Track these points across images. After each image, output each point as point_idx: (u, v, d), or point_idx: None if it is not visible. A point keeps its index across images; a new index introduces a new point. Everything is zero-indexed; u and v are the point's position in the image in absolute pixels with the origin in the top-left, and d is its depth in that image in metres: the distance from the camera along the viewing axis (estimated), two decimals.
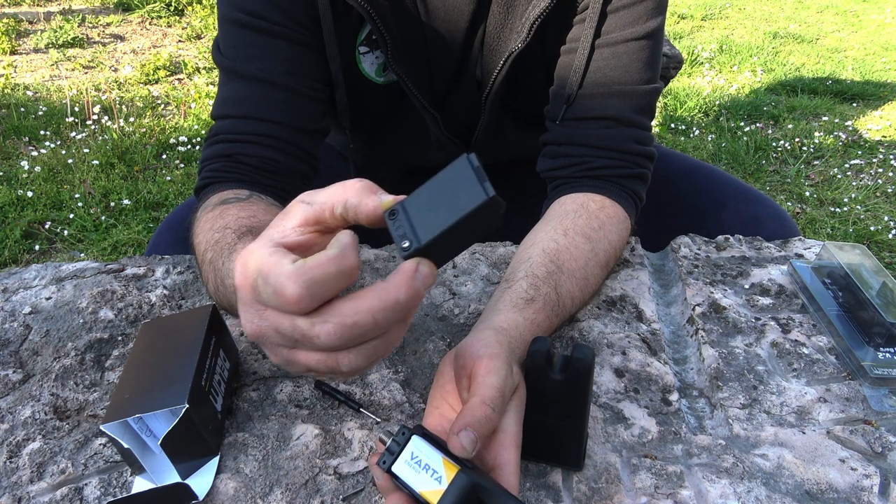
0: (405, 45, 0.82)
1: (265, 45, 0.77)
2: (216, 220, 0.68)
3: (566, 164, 0.82)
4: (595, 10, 0.77)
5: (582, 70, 0.79)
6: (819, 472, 0.57)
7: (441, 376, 0.55)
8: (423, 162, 0.99)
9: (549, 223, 0.76)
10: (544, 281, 0.67)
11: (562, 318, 0.69)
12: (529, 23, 0.78)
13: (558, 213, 0.77)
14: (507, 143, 0.96)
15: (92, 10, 4.60)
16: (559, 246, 0.71)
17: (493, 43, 0.84)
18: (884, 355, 0.67)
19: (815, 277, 0.78)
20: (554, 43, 0.83)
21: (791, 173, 2.81)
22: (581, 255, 0.71)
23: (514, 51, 0.81)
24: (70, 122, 3.00)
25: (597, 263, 0.73)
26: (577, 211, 0.76)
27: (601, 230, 0.75)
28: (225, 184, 0.76)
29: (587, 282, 0.72)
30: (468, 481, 0.45)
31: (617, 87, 0.79)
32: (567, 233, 0.73)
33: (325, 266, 0.39)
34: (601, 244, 0.74)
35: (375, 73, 0.86)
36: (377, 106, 0.90)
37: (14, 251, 2.21)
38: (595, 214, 0.76)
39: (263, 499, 0.55)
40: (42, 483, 0.57)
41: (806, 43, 4.54)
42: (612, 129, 0.80)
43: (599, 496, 0.55)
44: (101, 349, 0.71)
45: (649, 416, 0.63)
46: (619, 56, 0.79)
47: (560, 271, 0.69)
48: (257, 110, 0.78)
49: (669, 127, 3.25)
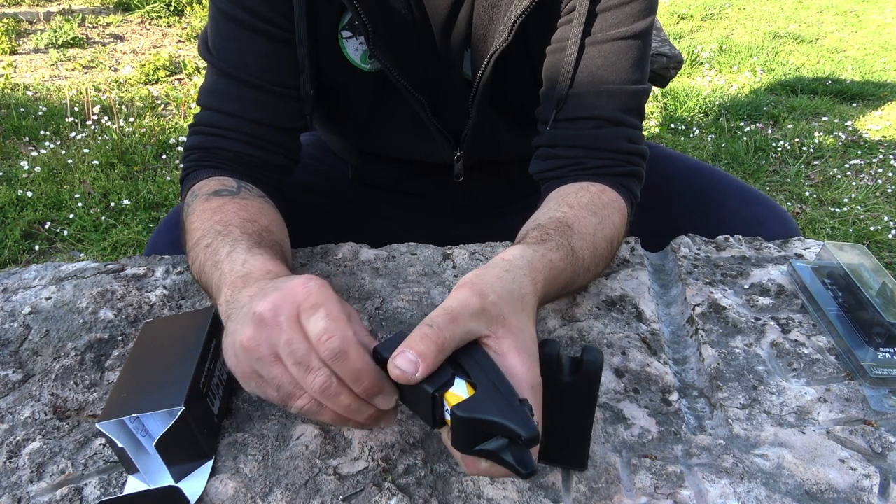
0: (388, 31, 0.82)
1: (246, 41, 0.79)
2: (216, 212, 0.71)
3: (560, 164, 0.82)
4: (583, 10, 0.77)
5: (571, 69, 0.79)
6: (819, 473, 0.57)
7: None
8: (418, 157, 0.99)
9: (551, 201, 0.76)
10: (556, 231, 0.66)
11: (576, 273, 0.67)
12: (511, 21, 0.79)
13: (559, 194, 0.77)
14: (499, 141, 0.96)
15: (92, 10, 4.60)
16: (566, 214, 0.70)
17: (479, 43, 0.85)
18: (884, 355, 0.67)
19: (814, 277, 0.78)
20: (538, 43, 0.84)
21: (791, 173, 2.81)
22: (589, 224, 0.71)
23: (497, 50, 0.81)
24: (70, 122, 3.00)
25: (604, 237, 0.72)
26: (578, 191, 0.76)
27: (605, 209, 0.75)
28: (207, 169, 0.79)
29: (596, 249, 0.70)
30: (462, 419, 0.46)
31: (606, 86, 0.80)
32: (572, 206, 0.72)
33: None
34: (606, 220, 0.73)
35: (361, 60, 0.86)
36: (366, 96, 0.90)
37: (14, 251, 2.21)
38: (597, 195, 0.76)
39: (263, 499, 0.55)
40: (42, 483, 0.57)
41: (806, 43, 4.54)
42: (603, 129, 0.81)
43: (599, 496, 0.55)
44: (100, 349, 0.71)
45: (649, 417, 0.63)
46: (608, 55, 0.79)
47: (570, 229, 0.68)
48: (233, 107, 0.80)
49: (669, 127, 3.25)
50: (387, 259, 0.84)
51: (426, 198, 1.08)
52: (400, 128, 0.94)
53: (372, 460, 0.58)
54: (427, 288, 0.79)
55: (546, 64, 0.83)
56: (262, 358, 0.50)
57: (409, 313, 0.75)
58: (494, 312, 0.51)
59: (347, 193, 1.09)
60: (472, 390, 0.48)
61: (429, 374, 0.47)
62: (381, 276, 0.81)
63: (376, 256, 0.84)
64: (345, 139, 1.05)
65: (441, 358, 0.48)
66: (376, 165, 1.04)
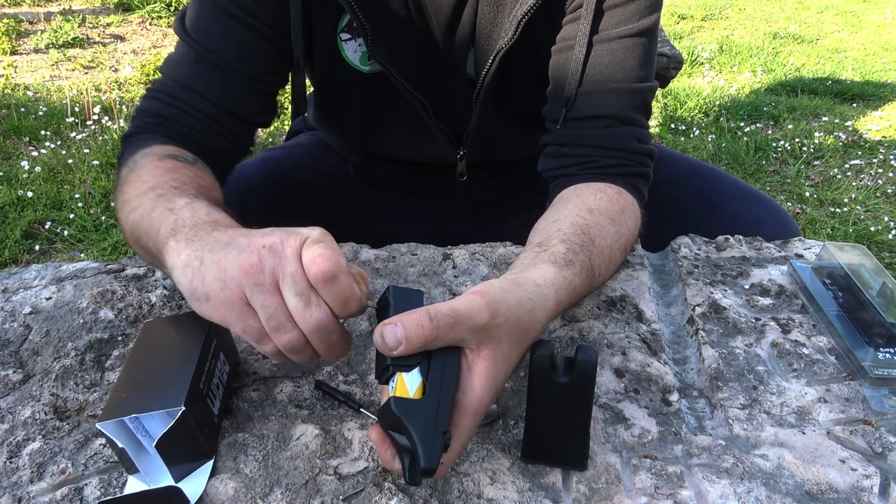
0: (387, 32, 0.82)
1: (227, 27, 0.79)
2: (171, 171, 0.70)
3: (570, 163, 0.82)
4: (590, 8, 0.77)
5: (580, 68, 0.79)
6: (819, 473, 0.57)
7: None
8: (420, 157, 0.99)
9: (569, 202, 0.75)
10: (581, 249, 0.66)
11: (591, 288, 0.69)
12: (517, 20, 0.79)
13: (577, 195, 0.76)
14: (502, 140, 0.96)
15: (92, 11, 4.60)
16: (588, 222, 0.70)
17: (484, 41, 0.85)
18: (884, 355, 0.67)
19: (815, 278, 0.78)
20: (543, 41, 0.83)
21: (791, 173, 2.81)
22: (608, 235, 0.71)
23: (503, 48, 0.81)
24: (70, 122, 3.00)
25: (620, 246, 0.72)
26: (597, 194, 0.75)
27: (622, 214, 0.75)
28: (161, 137, 0.78)
29: (611, 262, 0.71)
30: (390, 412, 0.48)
31: (614, 84, 0.80)
32: (592, 212, 0.72)
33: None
34: (623, 228, 0.74)
35: (360, 62, 0.86)
36: (366, 98, 0.90)
37: (14, 251, 2.21)
38: (615, 199, 0.76)
39: (263, 499, 0.55)
40: (42, 483, 0.57)
41: (806, 43, 4.54)
42: (613, 129, 0.80)
43: (599, 496, 0.55)
44: (101, 349, 0.70)
45: (649, 417, 0.63)
46: (615, 52, 0.79)
47: (592, 244, 0.68)
48: (199, 85, 0.79)
49: (669, 127, 3.25)
50: (387, 259, 0.84)
51: (429, 198, 1.08)
52: (401, 128, 0.94)
53: (372, 460, 0.58)
54: (427, 288, 0.79)
55: (553, 63, 0.83)
56: (262, 284, 0.51)
57: None
58: (494, 334, 0.51)
59: (349, 193, 1.09)
60: (420, 393, 0.49)
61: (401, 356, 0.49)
62: (381, 276, 0.81)
63: (376, 256, 0.84)
64: (346, 139, 1.05)
65: (421, 349, 0.49)
66: (378, 165, 1.04)
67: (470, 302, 0.51)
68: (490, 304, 0.51)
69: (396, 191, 1.08)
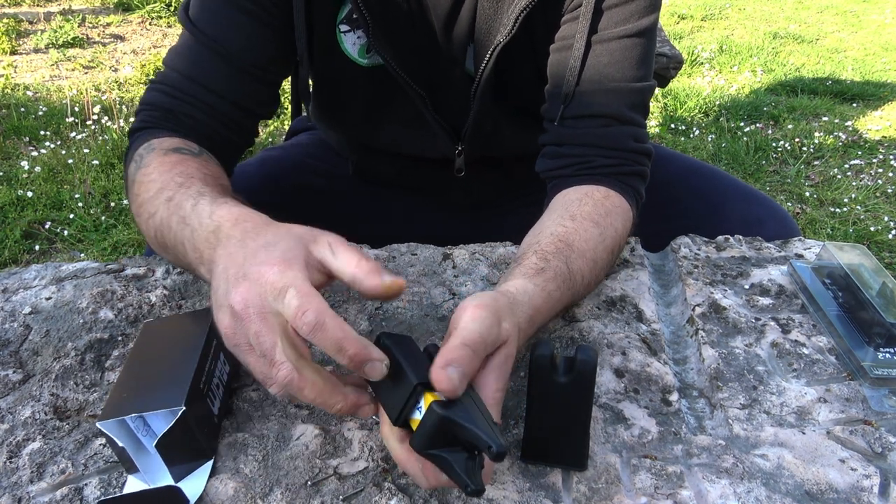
0: (388, 25, 0.82)
1: (231, 16, 0.79)
2: (176, 165, 0.70)
3: (567, 163, 0.82)
4: (589, 7, 0.78)
5: (578, 66, 0.79)
6: (819, 473, 0.57)
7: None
8: (418, 151, 0.99)
9: (554, 211, 0.77)
10: (554, 255, 0.68)
11: (574, 294, 0.69)
12: (515, 15, 0.79)
13: (564, 202, 0.78)
14: (500, 137, 0.96)
15: (92, 10, 4.60)
16: (567, 229, 0.72)
17: (483, 36, 0.85)
18: (884, 355, 0.67)
19: (815, 278, 0.78)
20: (542, 37, 0.84)
21: (791, 173, 2.81)
22: (590, 238, 0.72)
23: (500, 43, 0.81)
24: (70, 122, 3.00)
25: (605, 248, 0.73)
26: (583, 199, 0.76)
27: (608, 217, 0.75)
28: (167, 131, 0.78)
29: (596, 263, 0.72)
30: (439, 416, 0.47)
31: (612, 83, 0.80)
32: (575, 217, 0.73)
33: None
34: (608, 230, 0.74)
35: (359, 55, 0.86)
36: (365, 92, 0.90)
37: (14, 251, 2.21)
38: (601, 202, 0.76)
39: (263, 499, 0.55)
40: (42, 483, 0.57)
41: (806, 43, 4.54)
42: (610, 128, 0.81)
43: (599, 496, 0.55)
44: (101, 349, 0.71)
45: (649, 417, 0.63)
46: (613, 52, 0.80)
47: (570, 248, 0.69)
48: (204, 77, 0.79)
49: (669, 127, 3.25)
50: (387, 259, 0.84)
51: (427, 194, 1.08)
52: (400, 122, 0.94)
53: (372, 460, 0.58)
54: (427, 288, 0.79)
55: (551, 61, 0.83)
56: (239, 346, 0.52)
57: (408, 313, 0.75)
58: (503, 336, 0.54)
59: (348, 193, 1.09)
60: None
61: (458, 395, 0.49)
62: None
63: (376, 256, 0.84)
64: (344, 134, 1.04)
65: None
66: (377, 160, 1.04)
67: (483, 319, 0.52)
68: (495, 313, 0.54)
69: (395, 187, 1.08)
